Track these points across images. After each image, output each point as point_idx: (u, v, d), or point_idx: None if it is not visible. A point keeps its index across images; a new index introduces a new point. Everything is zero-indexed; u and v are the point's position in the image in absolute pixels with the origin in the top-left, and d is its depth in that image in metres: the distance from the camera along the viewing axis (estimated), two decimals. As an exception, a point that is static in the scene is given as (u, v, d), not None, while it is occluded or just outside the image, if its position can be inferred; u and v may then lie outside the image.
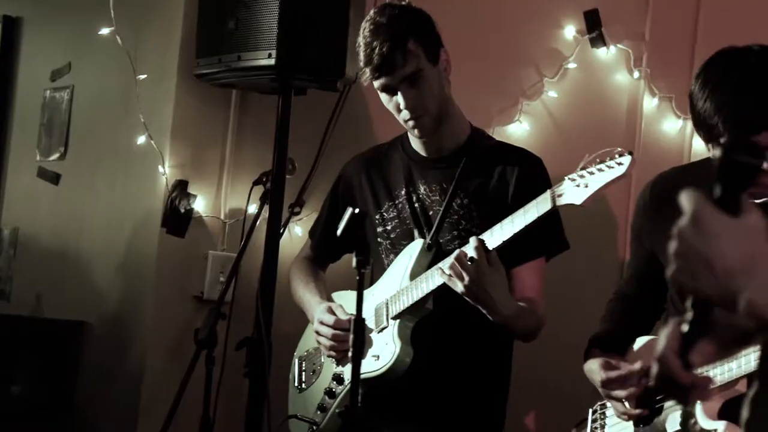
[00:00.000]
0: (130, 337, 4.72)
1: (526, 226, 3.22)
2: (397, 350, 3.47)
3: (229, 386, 3.88)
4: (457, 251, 3.29)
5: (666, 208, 2.93)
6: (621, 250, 4.80)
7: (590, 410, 3.32)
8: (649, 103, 4.97)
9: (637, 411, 3.04)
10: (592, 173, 3.08)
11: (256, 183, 3.95)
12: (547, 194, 3.17)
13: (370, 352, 3.56)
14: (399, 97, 3.48)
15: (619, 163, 3.04)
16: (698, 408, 2.87)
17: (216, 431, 3.70)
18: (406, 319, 3.52)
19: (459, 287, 3.28)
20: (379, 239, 3.69)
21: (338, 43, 3.80)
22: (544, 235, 3.47)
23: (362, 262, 2.50)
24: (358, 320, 2.43)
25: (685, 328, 1.66)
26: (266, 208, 3.90)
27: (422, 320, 3.53)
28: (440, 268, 3.33)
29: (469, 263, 3.25)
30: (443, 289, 3.37)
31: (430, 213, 3.58)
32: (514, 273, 3.48)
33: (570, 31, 4.89)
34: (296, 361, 3.87)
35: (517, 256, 3.47)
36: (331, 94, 4.01)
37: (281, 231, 3.90)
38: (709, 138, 2.73)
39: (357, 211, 2.56)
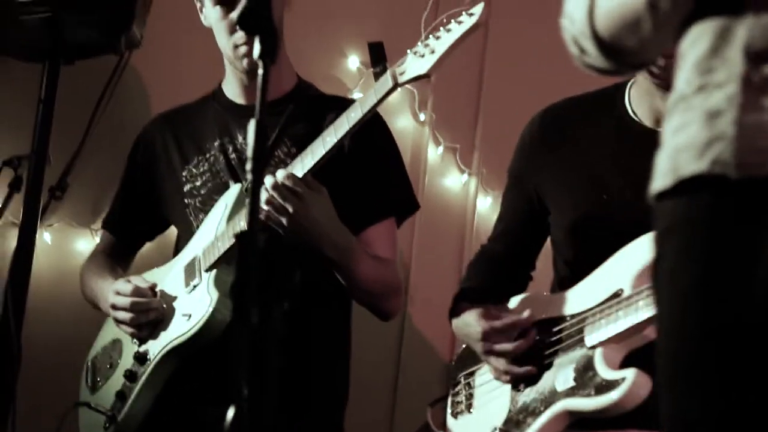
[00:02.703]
0: None
1: (362, 117, 2.68)
2: (213, 301, 2.78)
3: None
4: (269, 180, 2.69)
5: (559, 140, 2.69)
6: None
7: (452, 384, 2.82)
8: (434, 153, 4.57)
9: (523, 369, 2.57)
10: (438, 37, 2.57)
11: (5, 164, 3.21)
12: (387, 74, 2.64)
13: (179, 312, 2.87)
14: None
15: (471, 14, 2.55)
16: (597, 358, 2.42)
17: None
18: (225, 269, 2.84)
19: (283, 221, 2.69)
20: (186, 200, 3.03)
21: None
22: (391, 193, 3.00)
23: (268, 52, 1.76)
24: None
25: None
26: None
27: None
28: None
29: (287, 192, 2.69)
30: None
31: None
32: (362, 236, 2.92)
33: (354, 61, 4.45)
34: (88, 364, 3.11)
35: (364, 217, 2.94)
36: (98, 66, 3.35)
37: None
38: None
39: None
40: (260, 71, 1.70)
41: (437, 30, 2.58)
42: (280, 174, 2.70)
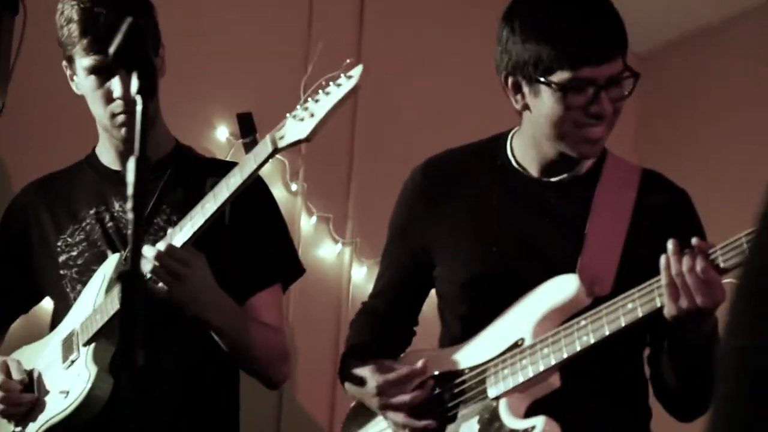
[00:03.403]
0: None
1: (239, 186, 2.57)
2: (92, 377, 2.66)
3: None
4: (149, 251, 2.59)
5: (443, 193, 2.62)
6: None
7: None
8: (307, 223, 4.52)
9: (423, 422, 2.48)
10: (317, 101, 2.51)
11: None
12: (267, 139, 2.55)
13: (56, 389, 2.74)
14: (115, 83, 2.78)
15: (349, 77, 2.48)
16: (502, 408, 2.36)
17: None
18: (104, 343, 2.72)
19: (166, 292, 2.61)
20: (62, 271, 2.90)
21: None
22: (276, 259, 2.92)
23: (147, 79, 1.67)
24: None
25: None
26: None
27: None
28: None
29: (166, 264, 2.60)
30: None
31: (128, 232, 2.80)
32: (249, 304, 2.83)
33: (223, 132, 4.39)
34: None
35: (250, 284, 2.85)
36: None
37: None
38: (530, 79, 2.41)
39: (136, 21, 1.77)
40: (138, 107, 1.63)
41: (316, 93, 2.52)
42: (159, 246, 2.61)
